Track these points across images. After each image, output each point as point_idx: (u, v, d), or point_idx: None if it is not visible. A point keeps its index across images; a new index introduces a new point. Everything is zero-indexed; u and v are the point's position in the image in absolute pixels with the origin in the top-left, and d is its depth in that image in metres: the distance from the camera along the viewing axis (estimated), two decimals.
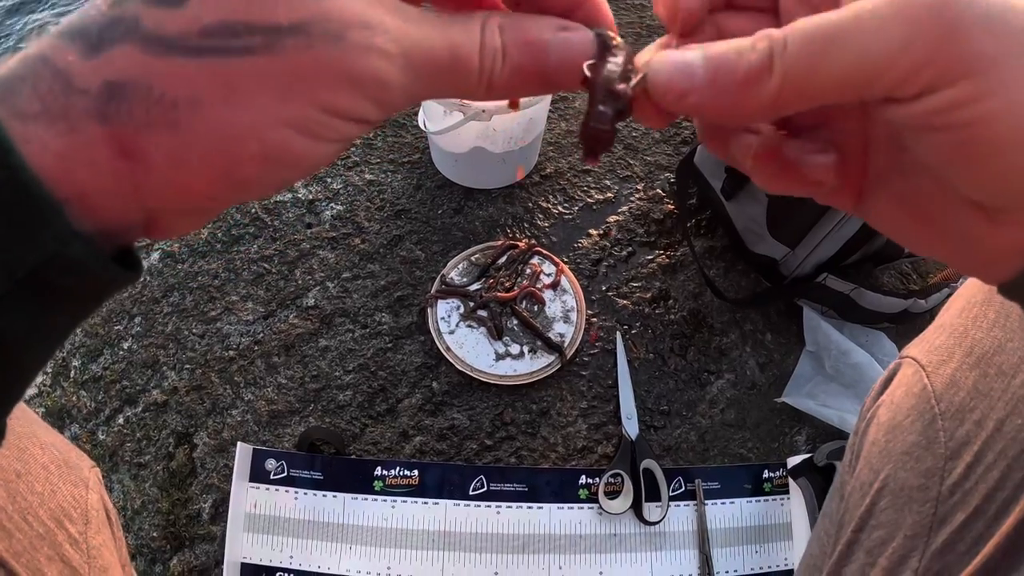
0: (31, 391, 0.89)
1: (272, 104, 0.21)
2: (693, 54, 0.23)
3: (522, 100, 0.84)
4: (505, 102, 0.81)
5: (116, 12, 0.21)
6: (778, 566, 0.82)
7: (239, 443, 0.82)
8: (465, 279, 0.95)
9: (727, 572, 0.81)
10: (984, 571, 0.38)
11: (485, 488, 0.83)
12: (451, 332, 0.91)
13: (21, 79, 0.20)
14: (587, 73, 0.24)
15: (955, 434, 0.42)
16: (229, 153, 0.21)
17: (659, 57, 0.23)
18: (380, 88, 0.22)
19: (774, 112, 0.22)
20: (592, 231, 1.02)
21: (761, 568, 0.82)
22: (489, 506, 0.82)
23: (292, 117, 0.22)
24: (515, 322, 0.92)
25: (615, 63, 0.24)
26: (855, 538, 0.47)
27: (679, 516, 0.83)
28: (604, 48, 0.24)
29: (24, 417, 0.47)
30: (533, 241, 0.99)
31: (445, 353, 0.89)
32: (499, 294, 0.92)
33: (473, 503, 0.82)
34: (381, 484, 0.82)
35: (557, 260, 0.96)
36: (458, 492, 0.83)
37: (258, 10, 0.21)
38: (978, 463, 0.40)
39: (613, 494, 0.83)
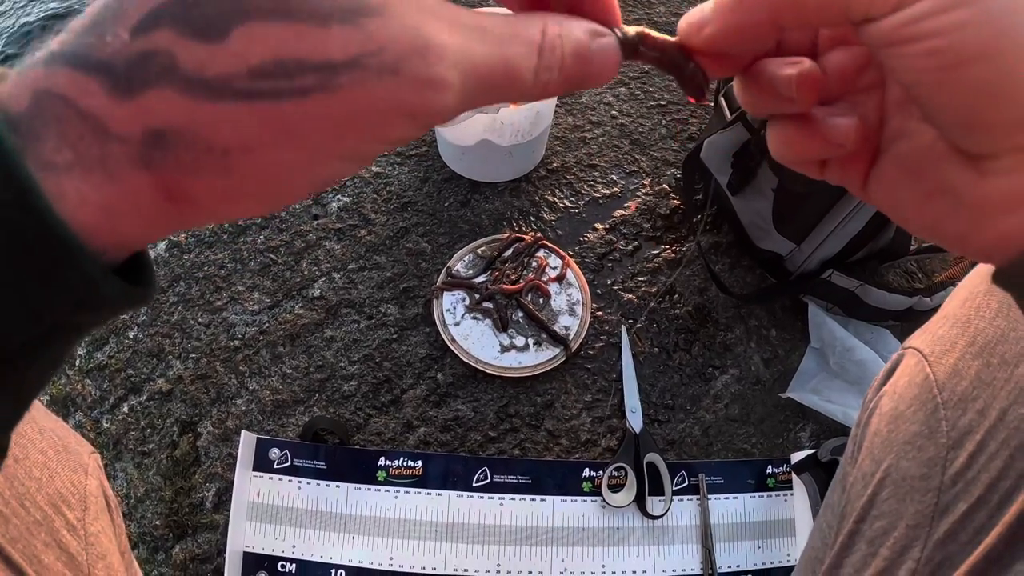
0: None
1: (327, 143, 0.21)
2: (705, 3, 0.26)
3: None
4: None
5: (143, 46, 0.19)
6: (780, 562, 0.82)
7: (243, 432, 0.82)
8: (471, 271, 0.95)
9: (729, 567, 0.81)
10: (986, 561, 0.38)
11: (488, 480, 0.83)
12: (456, 324, 0.91)
13: (41, 121, 0.18)
14: (650, 54, 0.27)
15: (957, 423, 0.42)
16: (280, 187, 0.21)
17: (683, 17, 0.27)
18: (435, 116, 0.22)
19: (776, 14, 0.24)
20: (598, 225, 1.02)
21: (763, 563, 0.82)
22: (492, 498, 0.82)
23: (345, 152, 0.21)
24: (520, 314, 0.92)
25: (654, 36, 0.27)
26: (857, 528, 0.47)
27: (682, 510, 0.83)
28: (625, 45, 0.26)
29: None
30: (539, 234, 0.99)
31: (450, 345, 0.89)
32: (505, 286, 0.92)
33: (476, 494, 0.82)
34: (384, 475, 0.82)
35: (563, 253, 0.96)
36: (461, 483, 0.83)
37: (310, 45, 0.19)
38: (980, 452, 0.40)
39: (616, 487, 0.83)
